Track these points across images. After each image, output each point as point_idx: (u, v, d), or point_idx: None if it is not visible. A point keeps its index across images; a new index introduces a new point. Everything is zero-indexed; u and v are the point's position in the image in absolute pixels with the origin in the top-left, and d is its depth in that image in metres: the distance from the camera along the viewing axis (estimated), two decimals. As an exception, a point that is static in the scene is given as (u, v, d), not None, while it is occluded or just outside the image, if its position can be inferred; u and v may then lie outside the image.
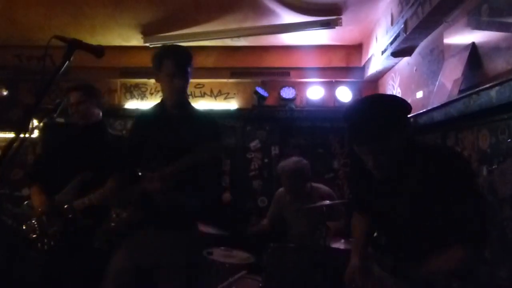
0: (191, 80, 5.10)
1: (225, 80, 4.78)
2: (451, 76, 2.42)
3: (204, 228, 3.17)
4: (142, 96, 4.84)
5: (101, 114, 2.67)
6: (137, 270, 1.98)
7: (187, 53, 2.14)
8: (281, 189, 3.66)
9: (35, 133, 4.68)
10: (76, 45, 1.31)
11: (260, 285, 2.80)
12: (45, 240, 2.36)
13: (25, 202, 2.56)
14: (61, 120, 3.69)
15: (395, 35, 3.14)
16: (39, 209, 2.38)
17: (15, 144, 1.23)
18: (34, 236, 2.37)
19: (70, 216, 2.36)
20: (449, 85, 2.41)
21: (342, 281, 1.84)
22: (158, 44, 4.21)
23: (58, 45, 1.34)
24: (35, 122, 2.67)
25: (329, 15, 3.62)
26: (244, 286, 2.86)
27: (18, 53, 4.61)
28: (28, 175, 2.69)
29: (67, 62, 1.27)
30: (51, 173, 2.52)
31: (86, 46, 1.38)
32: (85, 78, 4.29)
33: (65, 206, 2.37)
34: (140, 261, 2.00)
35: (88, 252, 2.38)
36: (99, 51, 1.51)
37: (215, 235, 3.34)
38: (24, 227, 2.42)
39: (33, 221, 2.40)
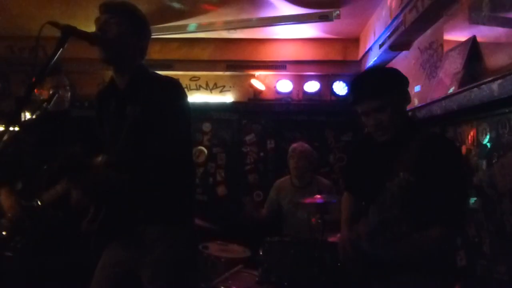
0: (186, 73, 4.98)
1: (221, 73, 4.73)
2: (450, 69, 2.40)
3: (198, 222, 3.15)
4: (137, 88, 4.78)
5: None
6: (120, 270, 1.74)
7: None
8: (279, 180, 3.71)
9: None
10: (70, 32, 1.27)
11: (257, 279, 2.78)
12: (18, 238, 2.31)
13: None
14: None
15: (393, 28, 3.11)
16: (9, 213, 2.33)
17: (6, 137, 1.19)
18: (4, 234, 2.31)
19: (39, 210, 2.29)
20: (448, 79, 2.39)
21: (339, 274, 1.87)
22: (153, 35, 4.14)
23: (51, 35, 1.28)
24: (27, 114, 2.62)
25: (327, 8, 3.58)
26: (240, 280, 2.84)
27: (10, 44, 4.51)
28: None
29: (61, 49, 1.22)
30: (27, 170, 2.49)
31: (80, 33, 1.34)
32: (78, 69, 4.24)
33: (33, 201, 2.32)
34: (124, 261, 1.73)
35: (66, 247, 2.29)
36: (94, 38, 1.46)
37: (210, 229, 3.32)
38: None
39: (3, 220, 2.35)
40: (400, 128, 1.65)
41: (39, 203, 2.31)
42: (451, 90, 2.27)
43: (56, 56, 1.21)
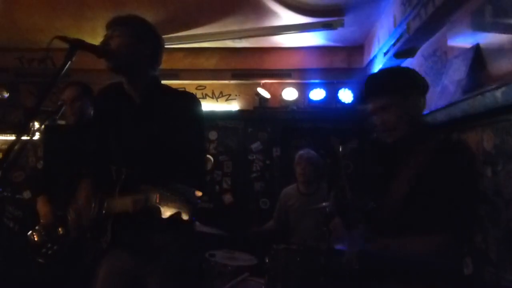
0: (192, 82, 4.99)
1: (226, 82, 4.77)
2: (454, 77, 2.40)
3: (205, 229, 3.16)
4: (144, 98, 4.82)
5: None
6: (127, 278, 1.75)
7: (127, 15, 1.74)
8: (286, 188, 3.72)
9: (37, 136, 4.69)
10: (78, 45, 1.30)
11: (263, 287, 2.78)
12: (49, 245, 2.36)
13: None
14: (62, 122, 3.66)
15: (397, 36, 3.12)
16: (42, 221, 2.43)
17: (16, 147, 1.21)
18: (38, 241, 2.38)
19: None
20: (452, 86, 2.39)
21: (345, 282, 1.86)
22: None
23: (59, 47, 1.32)
24: (36, 125, 2.66)
25: (331, 16, 3.61)
26: (246, 289, 2.84)
27: (19, 56, 4.60)
28: (34, 186, 2.70)
29: (69, 62, 1.25)
30: (55, 178, 2.53)
31: (87, 46, 1.37)
32: (86, 80, 4.29)
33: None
34: (130, 269, 1.74)
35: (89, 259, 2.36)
36: (99, 50, 1.49)
37: (217, 237, 3.32)
38: (29, 233, 2.45)
39: (38, 228, 2.43)
40: (408, 131, 1.59)
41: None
42: (455, 98, 2.27)
43: (65, 69, 1.24)
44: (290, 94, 4.62)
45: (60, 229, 2.37)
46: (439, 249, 1.44)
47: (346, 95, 4.54)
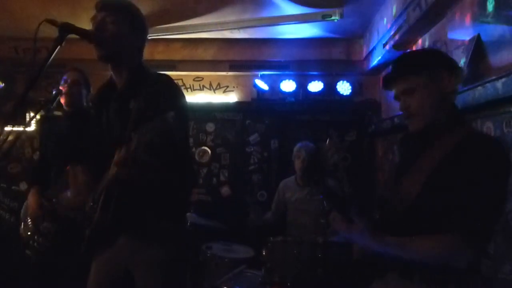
0: (190, 73, 4.94)
1: (224, 73, 4.73)
2: (454, 68, 2.38)
3: (202, 222, 3.15)
4: (140, 89, 4.78)
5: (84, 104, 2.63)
6: (115, 270, 1.72)
7: None
8: (285, 180, 3.71)
9: (32, 126, 4.65)
10: (67, 29, 1.26)
11: (260, 279, 2.76)
12: (39, 239, 2.33)
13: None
14: (58, 112, 3.64)
15: (397, 27, 3.09)
16: (30, 213, 2.38)
17: (2, 137, 1.18)
18: (28, 234, 2.34)
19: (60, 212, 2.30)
20: (452, 77, 2.37)
21: (343, 275, 1.79)
22: (156, 36, 4.15)
23: (54, 36, 1.28)
24: (31, 114, 2.63)
25: (330, 7, 3.57)
26: (244, 281, 2.83)
27: (14, 45, 4.55)
28: (29, 178, 2.66)
29: (58, 47, 1.22)
30: (50, 169, 2.50)
31: (77, 30, 1.34)
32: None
33: (53, 200, 2.32)
34: (118, 263, 1.71)
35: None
36: (91, 36, 1.45)
37: (214, 229, 3.31)
38: (21, 227, 2.43)
39: (29, 221, 2.39)
40: (434, 118, 1.42)
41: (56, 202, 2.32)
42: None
43: (54, 54, 1.20)
44: (288, 86, 4.57)
45: (47, 221, 2.33)
46: (442, 251, 1.31)
47: (344, 87, 4.51)
